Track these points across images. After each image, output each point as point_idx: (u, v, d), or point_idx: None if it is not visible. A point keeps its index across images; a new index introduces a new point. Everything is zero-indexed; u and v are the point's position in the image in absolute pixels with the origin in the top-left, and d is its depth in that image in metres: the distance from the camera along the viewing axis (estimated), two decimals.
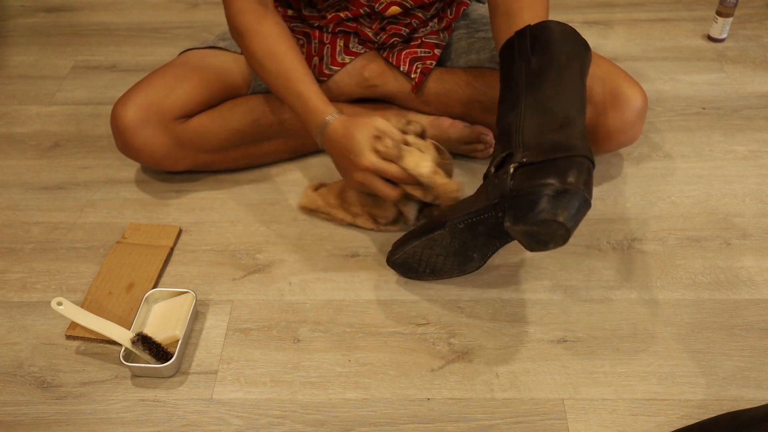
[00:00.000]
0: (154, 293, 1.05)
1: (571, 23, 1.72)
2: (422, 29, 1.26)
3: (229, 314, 1.06)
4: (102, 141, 1.38)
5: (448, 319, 1.04)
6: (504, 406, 0.94)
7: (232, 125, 1.20)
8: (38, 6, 1.82)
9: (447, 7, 1.27)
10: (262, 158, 1.28)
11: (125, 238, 1.16)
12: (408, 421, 0.92)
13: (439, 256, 1.04)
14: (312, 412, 0.94)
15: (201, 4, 1.81)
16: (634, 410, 0.93)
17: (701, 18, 1.70)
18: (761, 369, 0.97)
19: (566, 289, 1.08)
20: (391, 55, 1.25)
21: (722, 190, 1.24)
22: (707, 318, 1.04)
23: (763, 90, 1.48)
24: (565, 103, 0.96)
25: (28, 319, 1.06)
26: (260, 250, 1.15)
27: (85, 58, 1.62)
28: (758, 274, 1.10)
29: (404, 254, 1.05)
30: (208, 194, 1.26)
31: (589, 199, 0.89)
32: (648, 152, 1.32)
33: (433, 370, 0.98)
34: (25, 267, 1.13)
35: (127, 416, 0.93)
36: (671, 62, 1.56)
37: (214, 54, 1.23)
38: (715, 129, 1.38)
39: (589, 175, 0.91)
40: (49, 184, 1.29)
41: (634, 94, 1.15)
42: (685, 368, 0.97)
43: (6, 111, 1.47)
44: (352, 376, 0.97)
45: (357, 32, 1.24)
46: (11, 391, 0.96)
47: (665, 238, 1.16)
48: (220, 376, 0.98)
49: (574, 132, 0.94)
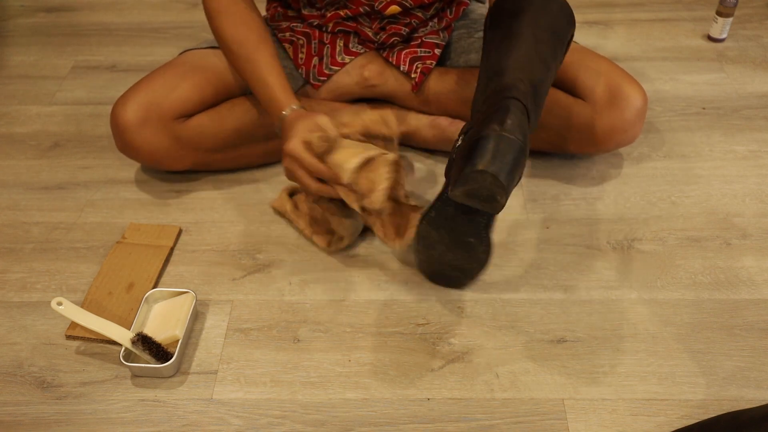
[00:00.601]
0: (154, 293, 1.05)
1: None
2: (422, 29, 1.26)
3: (229, 314, 1.06)
4: (102, 141, 1.38)
5: (448, 319, 1.04)
6: (504, 406, 0.94)
7: (232, 125, 1.20)
8: (38, 6, 1.82)
9: (447, 7, 1.27)
10: (262, 158, 1.28)
11: (125, 238, 1.16)
12: (408, 421, 0.92)
13: (446, 253, 1.03)
14: (312, 412, 0.94)
15: (201, 4, 1.81)
16: (634, 410, 0.93)
17: (701, 18, 1.70)
18: (761, 369, 0.97)
19: (566, 289, 1.08)
20: (391, 55, 1.25)
21: (722, 190, 1.24)
22: (707, 318, 1.04)
23: (763, 90, 1.48)
24: (517, 62, 0.96)
25: (28, 319, 1.06)
26: (260, 250, 1.15)
27: (85, 58, 1.62)
28: (758, 274, 1.10)
29: (421, 263, 1.07)
30: (208, 194, 1.26)
31: (518, 139, 0.87)
32: (648, 152, 1.32)
33: (433, 370, 0.98)
34: (25, 267, 1.14)
35: (127, 416, 0.93)
36: (671, 62, 1.56)
37: (214, 54, 1.23)
38: (715, 129, 1.38)
39: (523, 116, 0.89)
40: (49, 184, 1.29)
41: (634, 93, 1.15)
42: (685, 368, 0.97)
43: (6, 111, 1.47)
44: (352, 376, 0.97)
45: (357, 32, 1.24)
46: (11, 391, 0.96)
47: (665, 238, 1.16)
48: (220, 376, 0.98)
49: (509, 77, 0.93)
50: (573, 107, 1.17)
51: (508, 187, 0.87)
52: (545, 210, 1.21)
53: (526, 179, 1.27)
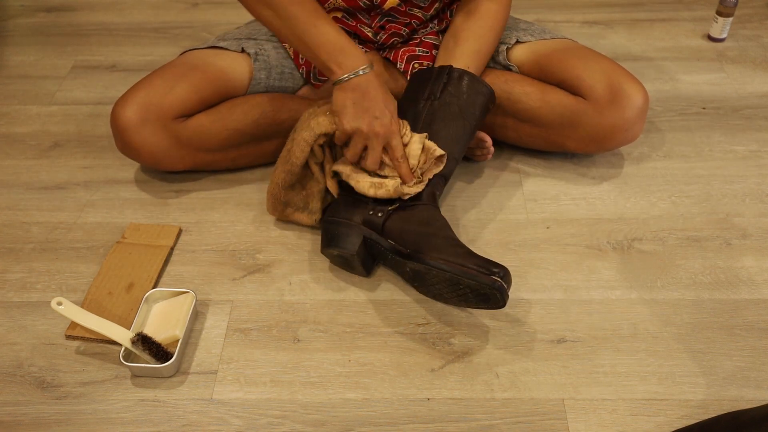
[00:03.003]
0: (154, 293, 1.05)
1: (571, 23, 1.73)
2: (422, 30, 1.26)
3: (229, 314, 1.06)
4: (102, 141, 1.38)
5: (448, 319, 1.04)
6: (504, 406, 0.94)
7: (232, 125, 1.20)
8: (38, 6, 1.82)
9: (446, 8, 1.27)
10: (262, 158, 1.28)
11: (125, 238, 1.16)
12: (408, 421, 0.92)
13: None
14: (312, 412, 0.94)
15: (201, 4, 1.81)
16: (634, 410, 0.93)
17: (701, 18, 1.70)
18: (761, 369, 0.97)
19: (566, 289, 1.08)
20: (390, 55, 1.25)
21: (722, 190, 1.24)
22: (707, 318, 1.04)
23: (763, 90, 1.48)
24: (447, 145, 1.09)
25: (28, 319, 1.06)
26: (260, 250, 1.15)
27: (85, 58, 1.62)
28: (758, 274, 1.10)
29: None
30: (208, 194, 1.26)
31: None
32: (648, 152, 1.32)
33: (433, 370, 0.98)
34: (25, 267, 1.13)
35: (127, 416, 0.93)
36: (671, 62, 1.56)
37: (214, 54, 1.23)
38: (715, 129, 1.38)
39: None
40: (49, 184, 1.29)
41: (635, 91, 1.15)
42: (685, 368, 0.97)
43: (6, 111, 1.47)
44: (352, 376, 0.97)
45: (357, 32, 1.24)
46: (11, 391, 0.96)
47: (665, 238, 1.16)
48: (220, 376, 0.98)
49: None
50: (574, 106, 1.17)
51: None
52: (545, 210, 1.21)
53: (527, 179, 1.27)
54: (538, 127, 1.22)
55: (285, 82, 1.27)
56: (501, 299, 0.94)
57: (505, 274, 0.94)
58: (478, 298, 0.96)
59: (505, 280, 0.93)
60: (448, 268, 0.95)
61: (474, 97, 1.13)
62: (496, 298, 0.94)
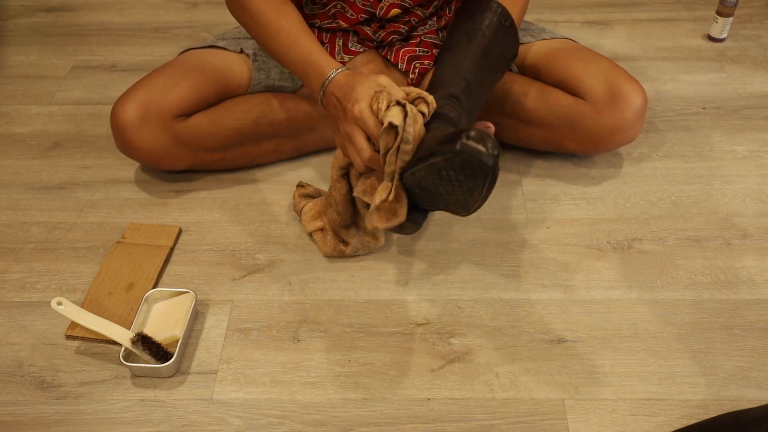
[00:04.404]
0: (154, 293, 1.05)
1: (571, 23, 1.73)
2: (421, 27, 1.26)
3: (229, 314, 1.06)
4: (102, 141, 1.38)
5: (448, 319, 1.04)
6: (504, 406, 0.94)
7: (231, 124, 1.20)
8: (38, 6, 1.82)
9: (446, 6, 1.27)
10: (262, 158, 1.28)
11: (125, 238, 1.16)
12: (408, 421, 0.92)
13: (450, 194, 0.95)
14: (312, 412, 0.94)
15: (201, 4, 1.81)
16: (634, 410, 0.93)
17: (701, 18, 1.70)
18: (761, 369, 0.97)
19: (566, 289, 1.08)
20: (389, 53, 1.25)
21: (722, 190, 1.24)
22: (707, 318, 1.04)
23: (763, 90, 1.48)
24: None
25: (28, 319, 1.06)
26: (260, 250, 1.15)
27: (85, 58, 1.62)
28: (758, 274, 1.10)
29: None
30: (208, 194, 1.26)
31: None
32: (648, 152, 1.32)
33: (433, 370, 0.98)
34: (25, 267, 1.13)
35: (127, 416, 0.93)
36: (671, 62, 1.56)
37: (214, 53, 1.23)
38: (715, 129, 1.38)
39: None
40: (49, 184, 1.29)
41: (634, 92, 1.15)
42: (685, 368, 0.97)
43: (6, 111, 1.47)
44: (352, 376, 0.97)
45: (356, 31, 1.24)
46: (11, 391, 0.96)
47: (665, 238, 1.16)
48: (220, 376, 0.98)
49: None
50: (573, 106, 1.17)
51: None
52: (545, 210, 1.21)
53: (527, 179, 1.27)
54: (537, 127, 1.22)
55: (284, 82, 1.27)
56: (477, 159, 0.81)
57: (469, 132, 0.82)
58: (464, 173, 0.85)
59: (469, 137, 0.81)
60: (421, 163, 0.87)
61: (481, 15, 1.06)
62: (474, 162, 0.82)
